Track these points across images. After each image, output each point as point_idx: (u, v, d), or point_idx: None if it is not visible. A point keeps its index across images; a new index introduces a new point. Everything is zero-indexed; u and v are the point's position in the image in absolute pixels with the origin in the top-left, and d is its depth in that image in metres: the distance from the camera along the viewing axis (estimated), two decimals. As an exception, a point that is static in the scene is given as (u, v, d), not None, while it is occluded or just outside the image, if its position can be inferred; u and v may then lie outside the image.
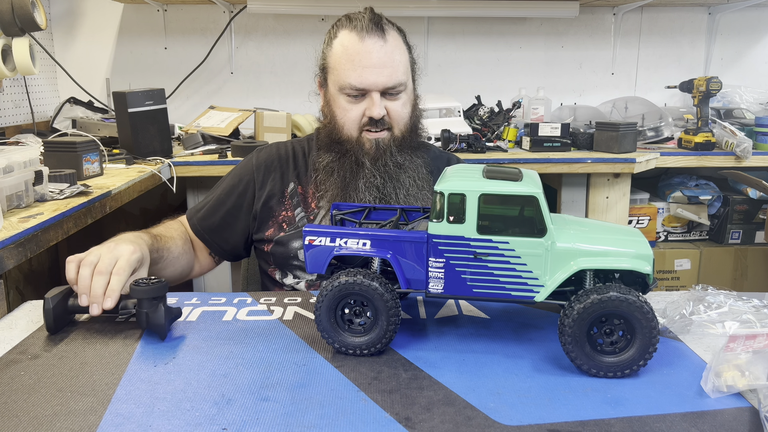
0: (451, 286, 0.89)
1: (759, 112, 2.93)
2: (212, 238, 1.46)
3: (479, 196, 0.85)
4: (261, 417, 0.75)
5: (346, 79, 1.33)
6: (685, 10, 3.29)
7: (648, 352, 0.84)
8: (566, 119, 3.01)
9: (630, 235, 0.91)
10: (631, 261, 0.86)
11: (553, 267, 0.86)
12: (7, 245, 1.29)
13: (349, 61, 1.33)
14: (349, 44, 1.34)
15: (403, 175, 1.39)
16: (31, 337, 1.00)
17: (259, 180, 1.46)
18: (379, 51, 1.33)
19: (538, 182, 0.90)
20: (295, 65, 3.19)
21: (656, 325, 0.83)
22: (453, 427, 0.73)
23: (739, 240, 2.99)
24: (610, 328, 0.85)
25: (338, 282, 0.89)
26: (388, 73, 1.33)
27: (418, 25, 3.21)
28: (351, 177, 1.37)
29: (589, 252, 0.86)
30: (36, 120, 2.83)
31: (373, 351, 0.90)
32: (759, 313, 1.01)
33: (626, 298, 0.83)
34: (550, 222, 0.85)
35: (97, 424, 0.74)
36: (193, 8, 3.13)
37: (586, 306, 0.83)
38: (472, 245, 0.87)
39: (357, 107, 1.36)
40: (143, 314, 0.98)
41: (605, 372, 0.85)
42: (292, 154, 1.50)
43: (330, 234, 0.92)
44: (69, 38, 3.14)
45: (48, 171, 1.66)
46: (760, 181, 2.52)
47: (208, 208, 1.47)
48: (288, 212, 1.44)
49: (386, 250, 0.90)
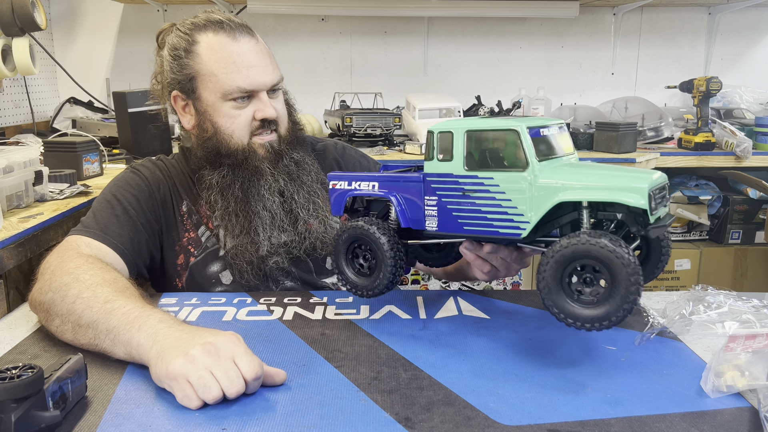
0: (444, 224, 0.92)
1: (759, 112, 2.93)
2: (135, 259, 1.21)
3: (464, 132, 0.88)
4: (261, 417, 0.75)
5: (232, 82, 1.20)
6: (685, 10, 3.29)
7: (624, 307, 0.77)
8: (566, 119, 3.00)
9: (632, 173, 0.84)
10: (613, 193, 0.79)
11: (537, 202, 0.84)
12: (7, 245, 1.29)
13: (230, 64, 1.20)
14: (222, 46, 1.21)
15: (303, 173, 1.30)
16: (31, 337, 0.99)
17: (157, 196, 1.28)
18: (255, 48, 1.24)
19: (542, 121, 0.89)
20: (294, 65, 3.19)
21: (635, 276, 0.75)
22: (453, 427, 0.73)
23: (739, 240, 2.98)
24: (589, 277, 0.79)
25: (341, 231, 1.00)
26: (271, 70, 1.25)
27: (418, 25, 3.21)
28: (251, 186, 1.25)
29: (570, 186, 0.82)
30: (36, 120, 2.83)
31: (376, 292, 0.98)
32: (759, 313, 1.01)
33: (597, 242, 0.76)
34: (533, 156, 0.83)
35: (97, 424, 0.74)
36: (194, 8, 3.13)
37: (556, 250, 0.79)
38: (460, 182, 0.89)
39: (245, 112, 1.23)
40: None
41: (581, 323, 0.79)
42: (171, 171, 1.32)
43: (347, 178, 1.03)
44: (69, 38, 3.14)
45: (48, 171, 1.66)
46: (760, 181, 2.52)
47: (120, 226, 1.19)
48: (191, 233, 1.28)
49: (391, 190, 0.98)
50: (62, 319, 0.95)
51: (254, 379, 0.79)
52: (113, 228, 1.17)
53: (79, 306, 0.93)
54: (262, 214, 1.25)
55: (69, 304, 0.94)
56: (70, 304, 0.94)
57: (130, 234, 1.19)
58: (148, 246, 1.24)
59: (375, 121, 2.62)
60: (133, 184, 1.26)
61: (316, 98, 3.08)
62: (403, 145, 2.57)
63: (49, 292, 0.99)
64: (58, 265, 1.03)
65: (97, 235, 1.15)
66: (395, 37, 3.24)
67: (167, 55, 1.26)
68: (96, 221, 1.18)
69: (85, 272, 1.00)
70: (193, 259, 1.27)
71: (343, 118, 2.60)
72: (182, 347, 0.80)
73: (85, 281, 0.97)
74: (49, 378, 0.73)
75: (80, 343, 0.93)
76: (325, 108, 2.93)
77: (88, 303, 0.93)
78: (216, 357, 0.78)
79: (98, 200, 1.24)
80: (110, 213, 1.20)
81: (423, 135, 2.59)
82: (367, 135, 2.62)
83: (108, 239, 1.15)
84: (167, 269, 1.28)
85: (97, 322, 0.90)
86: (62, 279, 0.99)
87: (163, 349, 0.81)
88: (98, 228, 1.16)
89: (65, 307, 0.95)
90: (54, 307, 0.97)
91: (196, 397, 0.76)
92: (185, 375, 0.77)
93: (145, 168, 1.31)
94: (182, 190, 1.30)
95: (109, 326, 0.89)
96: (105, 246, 1.14)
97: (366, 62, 3.25)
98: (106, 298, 0.93)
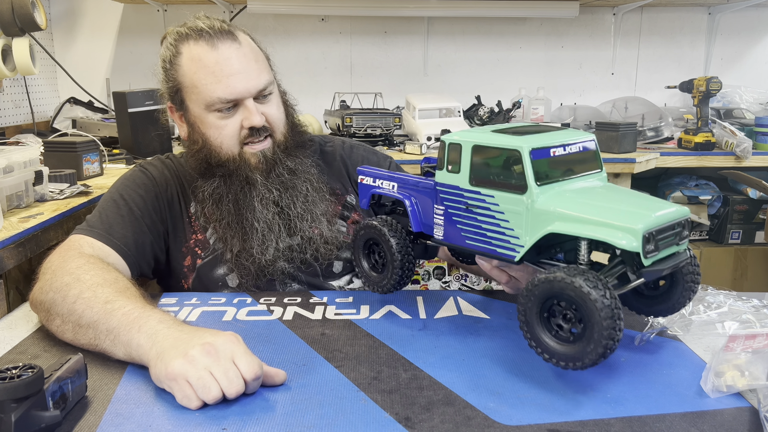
0: (449, 234, 0.93)
1: (759, 112, 2.93)
2: (138, 260, 1.20)
3: (472, 147, 0.86)
4: (261, 417, 0.75)
5: (212, 93, 1.17)
6: (685, 10, 3.29)
7: (597, 351, 0.73)
8: (566, 119, 3.01)
9: (637, 208, 0.79)
10: (606, 231, 0.75)
11: (533, 228, 0.82)
12: (7, 245, 1.29)
13: (209, 74, 1.16)
14: (201, 56, 1.17)
15: (298, 182, 1.26)
16: (31, 337, 0.99)
17: (164, 197, 1.27)
18: (237, 54, 1.18)
19: (561, 138, 0.85)
20: (294, 65, 3.19)
21: (608, 321, 0.71)
22: (453, 427, 0.73)
23: (739, 240, 2.98)
24: (568, 314, 0.77)
25: (358, 230, 1.04)
26: (255, 75, 1.19)
27: (418, 25, 3.21)
28: (244, 197, 1.22)
29: (565, 216, 0.79)
30: (36, 120, 2.83)
31: (385, 289, 1.02)
32: (759, 313, 1.01)
33: (571, 281, 0.72)
34: (532, 179, 0.81)
35: (97, 424, 0.74)
36: (194, 8, 3.11)
37: (534, 284, 0.77)
38: (464, 196, 0.89)
39: (232, 121, 1.20)
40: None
41: (556, 360, 0.77)
42: (180, 171, 1.32)
43: (373, 175, 1.06)
44: (69, 38, 3.14)
45: (48, 171, 1.66)
46: (760, 181, 2.52)
47: (125, 226, 1.19)
48: (198, 235, 1.27)
49: (408, 193, 0.99)
50: (63, 319, 0.95)
51: (253, 379, 0.79)
52: (117, 228, 1.17)
53: (80, 306, 0.93)
54: (257, 226, 1.22)
55: (70, 304, 0.94)
56: (71, 304, 0.94)
57: (135, 235, 1.19)
58: (153, 247, 1.23)
59: (375, 121, 2.62)
60: (141, 183, 1.26)
61: (316, 98, 3.08)
62: (403, 145, 2.57)
63: (50, 291, 0.99)
64: (60, 265, 1.03)
65: (101, 236, 1.14)
66: (395, 37, 3.24)
67: (159, 65, 1.25)
68: (101, 221, 1.18)
69: (86, 272, 1.00)
70: (200, 261, 1.26)
71: (343, 118, 2.60)
72: (181, 348, 0.80)
73: (86, 281, 0.97)
74: (49, 378, 0.73)
75: (80, 343, 0.93)
76: (325, 108, 2.93)
77: (88, 303, 0.93)
78: (215, 357, 0.78)
79: (105, 198, 1.24)
80: (116, 213, 1.19)
81: (423, 135, 2.59)
82: (367, 135, 2.61)
83: (111, 240, 1.15)
84: (174, 270, 1.28)
85: (97, 322, 0.90)
86: (63, 279, 0.99)
87: (162, 350, 0.81)
88: (102, 228, 1.16)
89: (66, 307, 0.95)
90: (55, 307, 0.97)
91: (195, 398, 0.76)
92: (185, 375, 0.77)
93: (153, 167, 1.30)
94: (191, 191, 1.28)
95: (109, 327, 0.89)
96: (107, 247, 1.14)
97: (366, 62, 3.25)
98: (106, 299, 0.93)
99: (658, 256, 0.78)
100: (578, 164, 0.88)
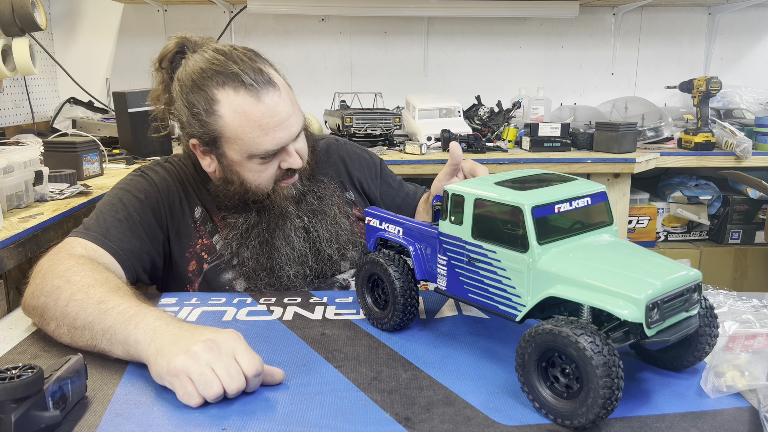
0: (452, 286, 0.90)
1: (759, 112, 2.93)
2: (133, 264, 1.18)
3: (474, 200, 0.84)
4: (261, 417, 0.75)
5: (259, 147, 1.15)
6: (685, 10, 3.29)
7: (593, 411, 0.69)
8: (566, 119, 3.01)
9: (643, 274, 0.75)
10: (607, 299, 0.71)
11: (534, 288, 0.78)
12: (7, 245, 1.30)
13: (256, 128, 1.13)
14: (246, 109, 1.13)
15: (326, 207, 1.30)
16: (31, 337, 0.99)
17: (166, 203, 1.25)
18: (279, 103, 1.15)
19: (567, 192, 0.81)
20: (295, 65, 3.19)
21: (605, 379, 0.67)
22: (453, 427, 0.73)
23: (739, 240, 2.99)
24: (567, 368, 0.73)
25: (363, 263, 1.02)
26: (295, 121, 1.18)
27: (418, 25, 3.21)
28: (277, 227, 1.24)
29: (567, 280, 0.75)
30: (36, 120, 2.83)
31: (387, 328, 1.00)
32: (758, 313, 1.01)
33: (568, 335, 0.69)
34: (533, 238, 0.77)
35: (96, 425, 0.74)
36: (193, 8, 3.14)
37: (530, 335, 0.74)
38: (467, 248, 0.86)
39: (271, 165, 1.20)
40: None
41: (547, 411, 0.74)
42: (182, 175, 1.30)
43: (379, 218, 1.04)
44: (69, 38, 3.14)
45: (48, 171, 1.66)
46: (760, 181, 2.52)
47: (122, 230, 1.17)
48: (204, 240, 1.26)
49: (413, 239, 0.97)
50: (57, 323, 0.94)
51: (255, 376, 0.79)
52: (114, 232, 1.16)
53: (73, 308, 0.93)
54: (285, 252, 1.24)
55: (62, 308, 0.94)
56: (63, 307, 0.94)
57: (131, 239, 1.18)
58: (150, 253, 1.22)
59: (375, 121, 2.62)
60: (141, 188, 1.24)
61: (316, 98, 3.08)
62: (402, 145, 2.57)
63: (41, 296, 0.98)
64: (49, 268, 1.02)
65: (97, 239, 1.13)
66: (395, 37, 3.24)
67: (182, 106, 1.18)
68: (97, 224, 1.17)
69: (76, 274, 0.98)
70: (206, 265, 1.25)
71: (343, 118, 2.60)
72: (183, 344, 0.80)
73: (77, 283, 0.96)
74: (49, 378, 0.73)
75: (78, 345, 0.93)
76: (325, 108, 2.94)
77: (81, 305, 0.92)
78: (217, 353, 0.78)
79: (103, 201, 1.23)
80: (113, 216, 1.18)
81: (423, 135, 2.60)
82: (367, 135, 2.62)
83: (107, 243, 1.14)
84: (179, 275, 1.27)
85: (92, 323, 0.90)
86: (53, 282, 0.98)
87: (162, 346, 0.81)
88: (99, 231, 1.15)
89: (59, 311, 0.94)
90: (47, 312, 0.96)
91: (197, 394, 0.76)
92: (187, 371, 0.77)
93: (154, 172, 1.28)
94: (195, 195, 1.28)
95: (104, 326, 0.89)
96: (102, 249, 1.13)
97: (366, 62, 3.25)
98: (99, 299, 0.92)
99: (663, 325, 0.74)
100: (586, 218, 0.84)
